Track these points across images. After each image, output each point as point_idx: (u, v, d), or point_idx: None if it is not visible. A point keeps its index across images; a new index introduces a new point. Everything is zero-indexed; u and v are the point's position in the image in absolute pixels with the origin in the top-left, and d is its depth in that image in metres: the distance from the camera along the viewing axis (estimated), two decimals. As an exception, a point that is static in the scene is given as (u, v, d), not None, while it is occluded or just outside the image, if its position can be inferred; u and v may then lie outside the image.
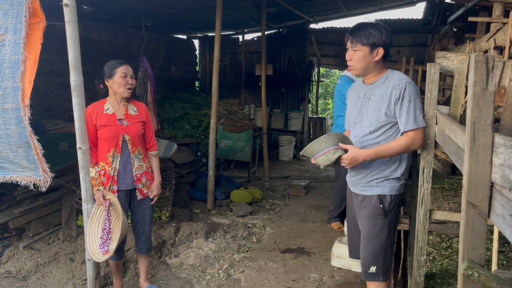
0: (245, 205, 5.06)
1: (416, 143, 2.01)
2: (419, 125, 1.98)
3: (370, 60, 2.05)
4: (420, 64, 6.62)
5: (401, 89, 1.99)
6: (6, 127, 2.43)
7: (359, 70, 2.12)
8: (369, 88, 2.14)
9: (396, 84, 2.01)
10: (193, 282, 3.29)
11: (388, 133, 2.08)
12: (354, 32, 2.06)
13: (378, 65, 2.09)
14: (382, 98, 2.04)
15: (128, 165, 2.79)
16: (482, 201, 1.04)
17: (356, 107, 2.21)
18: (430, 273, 2.66)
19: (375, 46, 2.02)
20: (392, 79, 2.05)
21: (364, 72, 2.12)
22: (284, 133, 9.12)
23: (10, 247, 3.67)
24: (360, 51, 2.04)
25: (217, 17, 4.80)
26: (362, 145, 2.15)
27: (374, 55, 2.04)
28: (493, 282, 1.04)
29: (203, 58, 10.14)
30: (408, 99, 1.98)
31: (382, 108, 2.05)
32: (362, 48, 2.04)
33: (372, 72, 2.11)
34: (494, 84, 1.00)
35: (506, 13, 3.28)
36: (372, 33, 2.01)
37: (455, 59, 2.44)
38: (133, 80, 2.77)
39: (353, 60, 2.09)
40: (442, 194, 3.99)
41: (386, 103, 2.03)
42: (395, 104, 2.01)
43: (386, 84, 2.05)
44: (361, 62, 2.07)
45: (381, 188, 2.12)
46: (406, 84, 1.99)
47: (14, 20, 2.36)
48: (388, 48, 2.06)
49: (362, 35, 2.03)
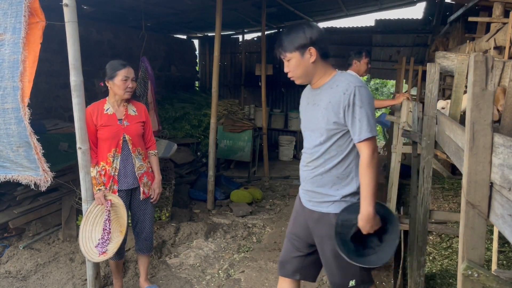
0: (245, 205, 5.06)
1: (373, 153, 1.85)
2: (373, 133, 1.83)
3: (306, 64, 1.92)
4: (420, 64, 6.62)
5: (350, 94, 1.82)
6: (6, 127, 2.43)
7: (300, 78, 1.97)
8: (317, 93, 1.98)
9: (345, 88, 1.85)
10: (193, 282, 3.29)
11: (340, 143, 1.91)
12: (279, 43, 1.95)
13: (320, 66, 1.95)
14: (330, 104, 1.88)
15: (129, 165, 2.80)
16: (481, 201, 1.03)
17: (307, 114, 2.05)
18: (430, 273, 2.66)
19: (303, 47, 1.89)
20: (340, 83, 1.89)
21: (307, 77, 1.98)
22: (284, 133, 9.12)
23: (10, 247, 3.67)
24: (292, 59, 1.92)
25: (217, 17, 4.80)
26: (313, 156, 1.98)
27: (308, 57, 1.90)
28: (493, 282, 1.04)
29: (203, 58, 10.14)
30: (359, 106, 1.82)
31: (330, 116, 1.88)
32: (292, 55, 1.92)
33: (315, 75, 1.96)
34: (493, 84, 1.00)
35: (506, 13, 3.28)
36: (295, 37, 1.90)
37: (455, 59, 2.44)
38: (134, 83, 2.78)
39: (290, 69, 1.96)
40: (442, 194, 3.98)
41: (335, 110, 1.86)
42: (345, 112, 1.84)
43: (335, 89, 1.89)
44: (298, 69, 1.94)
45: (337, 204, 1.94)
46: (355, 88, 1.83)
47: (13, 19, 2.36)
48: (321, 45, 1.92)
49: (286, 42, 1.92)
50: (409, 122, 3.05)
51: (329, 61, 1.99)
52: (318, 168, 1.97)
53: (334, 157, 1.93)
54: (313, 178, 1.99)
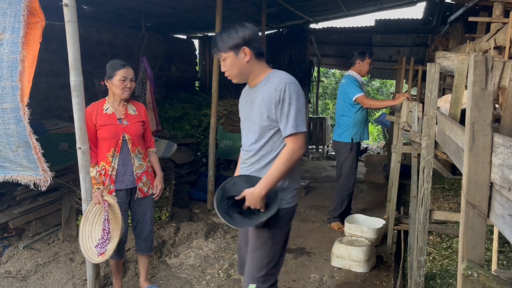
0: (245, 205, 5.06)
1: (297, 149, 1.89)
2: (299, 129, 1.87)
3: (241, 63, 1.95)
4: (420, 64, 6.62)
5: (281, 90, 1.87)
6: (5, 127, 2.43)
7: (237, 77, 2.01)
8: (253, 91, 2.02)
9: (276, 85, 1.89)
10: (193, 282, 3.29)
11: (274, 139, 1.96)
12: (214, 43, 1.98)
13: (255, 66, 1.98)
14: (263, 101, 1.93)
15: (128, 164, 2.80)
16: (481, 201, 1.03)
17: (244, 113, 2.09)
18: (430, 273, 2.66)
19: (237, 47, 1.92)
20: (273, 80, 1.94)
21: (242, 76, 2.01)
22: (284, 133, 9.10)
23: (10, 247, 3.67)
24: (227, 59, 1.95)
25: (217, 17, 4.80)
26: (250, 154, 2.03)
27: (242, 57, 1.94)
28: (492, 282, 1.04)
29: (203, 58, 10.14)
30: (288, 102, 1.87)
31: (264, 112, 1.93)
32: (227, 55, 1.94)
33: (251, 74, 2.00)
34: (493, 84, 1.00)
35: (506, 13, 3.28)
36: (228, 37, 1.92)
37: (455, 59, 2.44)
38: (133, 83, 2.78)
39: (226, 69, 1.99)
40: (442, 194, 3.99)
41: (268, 106, 1.91)
42: (275, 108, 1.89)
43: (268, 86, 1.94)
44: (233, 69, 1.97)
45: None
46: (286, 85, 1.88)
47: (12, 19, 2.35)
48: (255, 45, 1.95)
49: (219, 43, 1.94)
50: (409, 122, 3.05)
51: (264, 60, 2.03)
52: (255, 165, 2.03)
53: (269, 153, 1.98)
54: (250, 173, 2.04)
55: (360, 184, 6.31)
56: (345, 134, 4.29)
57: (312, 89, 10.32)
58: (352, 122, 4.26)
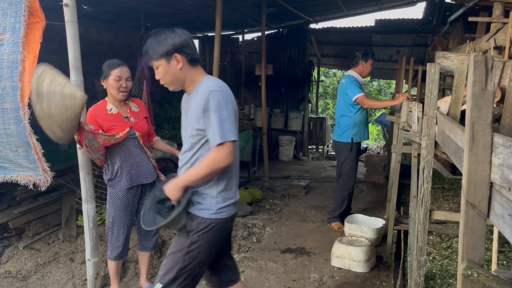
0: (245, 205, 5.06)
1: (221, 159, 1.82)
2: (225, 139, 1.82)
3: (174, 71, 1.90)
4: (420, 64, 6.61)
5: (206, 99, 1.83)
6: (6, 127, 2.43)
7: (171, 85, 1.96)
8: (189, 98, 1.99)
9: (202, 94, 1.86)
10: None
11: (206, 147, 1.92)
12: (145, 51, 1.93)
13: (189, 72, 1.93)
14: (194, 110, 1.90)
15: (146, 158, 2.84)
16: (481, 201, 1.03)
17: (182, 120, 2.07)
18: (430, 273, 2.66)
19: (168, 55, 1.87)
20: (201, 88, 1.90)
21: (177, 84, 1.96)
22: (284, 133, 9.12)
23: (10, 247, 3.67)
24: (160, 67, 1.90)
25: (217, 17, 4.80)
26: (184, 161, 2.01)
27: (175, 64, 1.88)
28: (492, 282, 1.04)
29: (203, 58, 10.13)
30: (213, 111, 1.82)
31: (194, 121, 1.90)
32: (159, 63, 1.89)
33: (186, 81, 1.95)
34: (493, 84, 1.00)
35: (506, 13, 3.28)
36: (158, 44, 1.87)
37: (455, 59, 2.44)
38: (128, 83, 2.75)
39: (160, 77, 1.94)
40: (442, 194, 3.98)
41: (197, 115, 1.87)
42: (203, 117, 1.86)
43: (198, 94, 1.90)
44: (167, 77, 1.92)
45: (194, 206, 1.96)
46: (210, 93, 1.84)
47: (12, 19, 2.36)
48: (187, 51, 1.90)
49: (150, 51, 1.89)
50: (409, 122, 3.05)
51: (199, 66, 1.99)
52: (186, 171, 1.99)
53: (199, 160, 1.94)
54: None
55: (360, 184, 6.31)
56: (345, 134, 4.30)
57: (312, 89, 10.33)
58: (352, 122, 4.26)
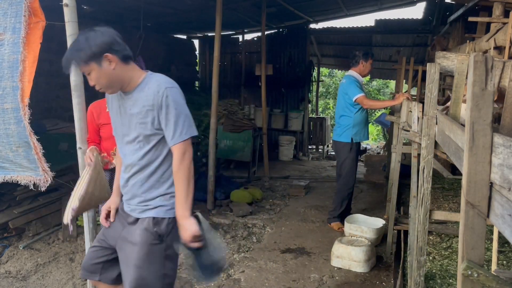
0: (245, 205, 5.06)
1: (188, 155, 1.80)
2: (187, 135, 1.79)
3: (108, 72, 1.76)
4: (420, 64, 6.61)
5: (162, 96, 1.76)
6: (6, 127, 2.43)
7: (109, 88, 1.83)
8: (128, 97, 1.86)
9: (156, 91, 1.77)
10: (193, 282, 3.29)
11: (157, 147, 1.85)
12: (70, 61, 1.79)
13: (124, 71, 1.81)
14: (144, 108, 1.80)
15: None
16: (481, 201, 1.03)
17: (120, 120, 1.92)
18: (430, 273, 2.66)
19: (98, 56, 1.73)
20: (151, 85, 1.81)
21: (115, 85, 1.83)
22: (284, 133, 9.12)
23: (10, 247, 3.67)
24: (91, 72, 1.76)
25: (217, 17, 4.80)
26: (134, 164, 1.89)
27: (107, 65, 1.75)
28: (492, 282, 1.04)
29: (203, 58, 10.14)
30: (173, 107, 1.76)
31: (146, 120, 1.80)
32: (90, 68, 1.75)
33: (124, 81, 1.83)
34: (493, 84, 1.00)
35: (506, 13, 3.27)
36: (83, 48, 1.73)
37: (455, 59, 2.44)
38: None
39: (94, 82, 1.80)
40: (442, 194, 3.98)
41: (149, 113, 1.79)
42: (159, 115, 1.78)
43: (146, 92, 1.80)
44: (101, 80, 1.78)
45: (157, 210, 1.87)
46: (166, 89, 1.77)
47: (13, 19, 2.36)
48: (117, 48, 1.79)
49: (77, 57, 1.75)
50: (409, 122, 3.05)
51: (133, 63, 1.89)
52: (138, 175, 1.90)
53: (153, 162, 1.87)
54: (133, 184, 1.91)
55: (360, 184, 6.31)
56: (345, 134, 4.30)
57: (312, 89, 10.33)
58: (352, 123, 4.26)
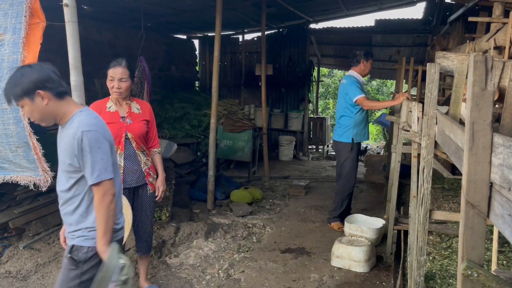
0: (245, 205, 5.06)
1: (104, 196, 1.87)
2: (102, 178, 1.85)
3: (40, 108, 1.82)
4: (420, 64, 6.62)
5: (79, 139, 1.82)
6: (5, 127, 2.43)
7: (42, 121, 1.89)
8: (62, 130, 1.94)
9: (74, 133, 1.83)
10: (193, 282, 3.29)
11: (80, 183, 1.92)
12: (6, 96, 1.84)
13: (57, 106, 1.86)
14: (66, 146, 1.87)
15: (135, 162, 2.79)
16: (481, 201, 1.03)
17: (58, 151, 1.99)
18: (430, 273, 2.66)
19: (30, 93, 1.78)
20: (73, 126, 1.86)
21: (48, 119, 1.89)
22: (284, 133, 9.13)
23: (10, 247, 3.67)
24: (25, 106, 1.82)
25: (217, 17, 4.80)
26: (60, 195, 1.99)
27: (40, 101, 1.80)
28: (492, 282, 1.04)
29: (203, 58, 10.14)
30: (88, 151, 1.83)
31: (66, 159, 1.88)
32: (23, 102, 1.81)
33: (57, 116, 1.89)
34: (493, 84, 1.00)
35: (506, 13, 3.27)
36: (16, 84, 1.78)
37: (455, 59, 2.44)
38: (123, 83, 2.70)
39: (28, 115, 1.87)
40: (442, 194, 3.98)
41: (69, 152, 1.86)
42: (77, 156, 1.85)
43: (69, 131, 1.87)
44: (35, 114, 1.84)
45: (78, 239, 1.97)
46: (82, 133, 1.82)
47: (13, 20, 2.36)
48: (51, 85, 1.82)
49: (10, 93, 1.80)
50: (409, 122, 3.05)
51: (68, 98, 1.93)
52: (66, 207, 1.99)
53: (76, 196, 1.94)
54: (64, 215, 2.02)
55: (360, 184, 6.31)
56: (345, 134, 4.30)
57: (312, 89, 10.32)
58: (352, 123, 4.26)
